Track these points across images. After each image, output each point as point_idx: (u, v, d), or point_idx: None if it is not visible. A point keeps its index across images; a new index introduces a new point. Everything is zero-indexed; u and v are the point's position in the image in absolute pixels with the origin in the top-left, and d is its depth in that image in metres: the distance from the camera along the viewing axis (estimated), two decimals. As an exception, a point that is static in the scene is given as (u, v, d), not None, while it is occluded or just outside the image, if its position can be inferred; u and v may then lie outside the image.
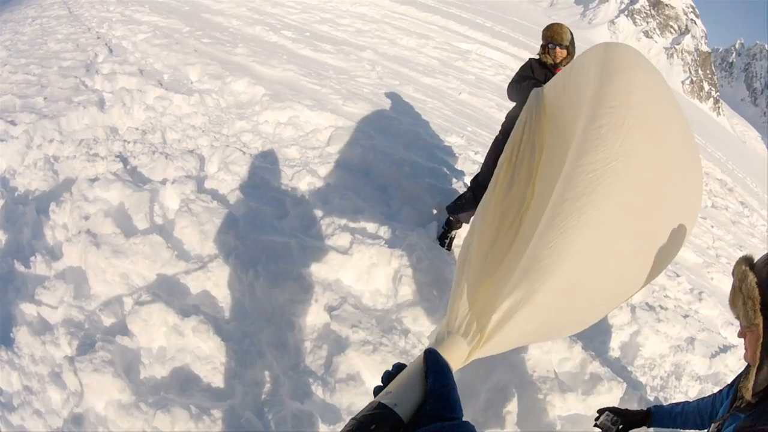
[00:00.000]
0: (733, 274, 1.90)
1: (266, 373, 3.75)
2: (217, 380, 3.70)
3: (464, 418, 1.07)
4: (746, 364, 1.90)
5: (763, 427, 1.77)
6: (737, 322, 2.10)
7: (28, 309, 3.95)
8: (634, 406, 4.04)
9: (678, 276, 6.67)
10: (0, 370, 3.52)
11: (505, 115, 5.00)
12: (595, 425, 2.81)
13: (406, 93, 10.35)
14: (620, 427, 2.75)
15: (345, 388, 3.60)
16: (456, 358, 1.69)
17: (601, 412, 2.85)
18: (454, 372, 1.43)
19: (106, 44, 9.93)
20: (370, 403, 1.10)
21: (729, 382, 2.37)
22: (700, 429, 2.58)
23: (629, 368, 4.79)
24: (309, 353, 3.89)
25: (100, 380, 3.42)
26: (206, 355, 3.79)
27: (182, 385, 3.62)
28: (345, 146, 6.70)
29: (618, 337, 5.03)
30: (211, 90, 8.03)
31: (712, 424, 2.20)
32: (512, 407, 3.72)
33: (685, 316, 5.63)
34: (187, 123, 6.89)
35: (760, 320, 1.80)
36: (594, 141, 1.77)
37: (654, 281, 6.09)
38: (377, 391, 1.18)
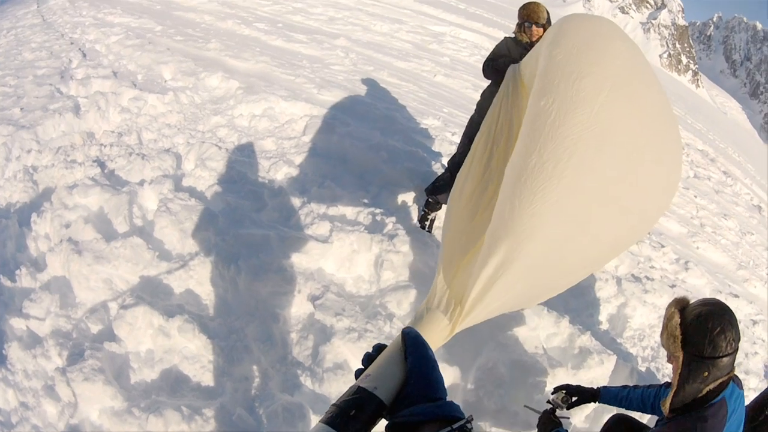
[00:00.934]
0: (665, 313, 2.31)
1: (254, 367, 3.66)
2: (207, 379, 3.61)
3: (456, 399, 1.00)
4: None
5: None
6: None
7: (17, 323, 3.86)
8: (625, 376, 4.02)
9: (663, 246, 6.62)
10: (-3, 388, 3.46)
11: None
12: (548, 401, 3.07)
13: (381, 78, 10.12)
14: (572, 401, 3.03)
15: (333, 377, 3.52)
16: (437, 334, 1.69)
17: (556, 390, 3.11)
18: (438, 348, 1.36)
19: (79, 49, 9.64)
20: (349, 388, 1.07)
21: None
22: (641, 412, 2.92)
23: (618, 340, 4.72)
24: (295, 345, 3.79)
25: (92, 389, 3.34)
26: (194, 355, 3.69)
27: (172, 387, 3.54)
28: (321, 135, 6.52)
29: (605, 310, 4.96)
30: (185, 87, 7.78)
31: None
32: (502, 385, 3.63)
33: (672, 286, 5.58)
34: (162, 122, 6.69)
35: (680, 354, 2.18)
36: (572, 107, 1.72)
37: (638, 252, 6.13)
38: (358, 374, 1.15)
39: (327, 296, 4.02)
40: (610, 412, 3.06)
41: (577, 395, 3.03)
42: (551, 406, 3.02)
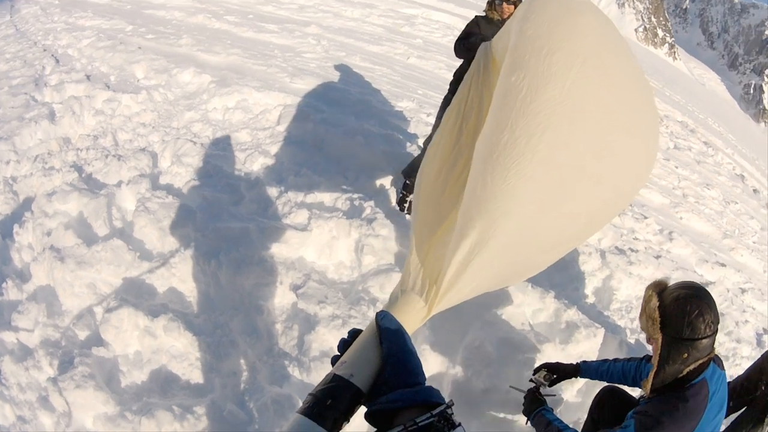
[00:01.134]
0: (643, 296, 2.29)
1: (242, 361, 3.57)
2: (196, 376, 3.52)
3: (444, 380, 0.93)
4: None
5: (651, 412, 2.17)
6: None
7: (7, 337, 3.76)
8: (614, 349, 3.93)
9: (646, 218, 6.52)
10: (-6, 404, 3.38)
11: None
12: (530, 380, 3.00)
13: (354, 63, 9.85)
14: (554, 378, 2.97)
15: (320, 365, 3.42)
16: (413, 316, 1.57)
17: (537, 370, 3.03)
18: (415, 331, 1.28)
19: (52, 55, 9.32)
20: (326, 376, 1.03)
21: None
22: (623, 385, 2.88)
23: (606, 313, 4.63)
24: (281, 336, 3.69)
25: (84, 396, 3.27)
26: (181, 353, 3.60)
27: (162, 387, 3.46)
28: (296, 123, 6.32)
29: (591, 284, 4.87)
30: (158, 85, 7.54)
31: None
32: (490, 364, 3.52)
33: (657, 257, 5.50)
34: (136, 122, 6.48)
35: (659, 336, 2.18)
36: (543, 82, 1.62)
37: (621, 225, 6.05)
38: (334, 361, 1.10)
39: (309, 285, 3.91)
40: (601, 385, 2.99)
41: (557, 372, 2.99)
42: (534, 385, 2.97)
